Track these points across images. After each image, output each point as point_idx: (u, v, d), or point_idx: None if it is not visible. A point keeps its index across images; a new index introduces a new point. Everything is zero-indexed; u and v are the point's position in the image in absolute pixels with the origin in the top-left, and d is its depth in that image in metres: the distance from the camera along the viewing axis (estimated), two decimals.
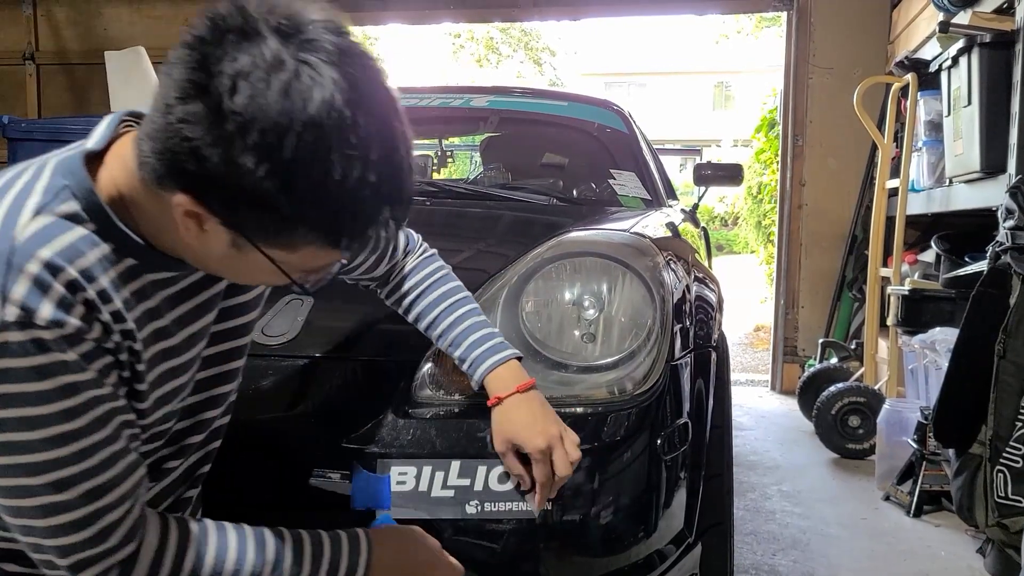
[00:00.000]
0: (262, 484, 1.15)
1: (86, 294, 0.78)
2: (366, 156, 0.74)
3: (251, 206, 0.74)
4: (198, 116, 0.71)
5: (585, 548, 1.14)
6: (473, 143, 2.95)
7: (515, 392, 1.10)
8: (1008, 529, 1.95)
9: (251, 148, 0.71)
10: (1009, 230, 1.99)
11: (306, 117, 0.71)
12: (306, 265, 0.83)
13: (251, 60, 0.71)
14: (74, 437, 0.79)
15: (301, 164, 0.72)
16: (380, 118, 0.76)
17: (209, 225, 0.77)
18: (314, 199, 0.74)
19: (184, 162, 0.73)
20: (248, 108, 0.70)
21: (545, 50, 17.73)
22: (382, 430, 1.14)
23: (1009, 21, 2.54)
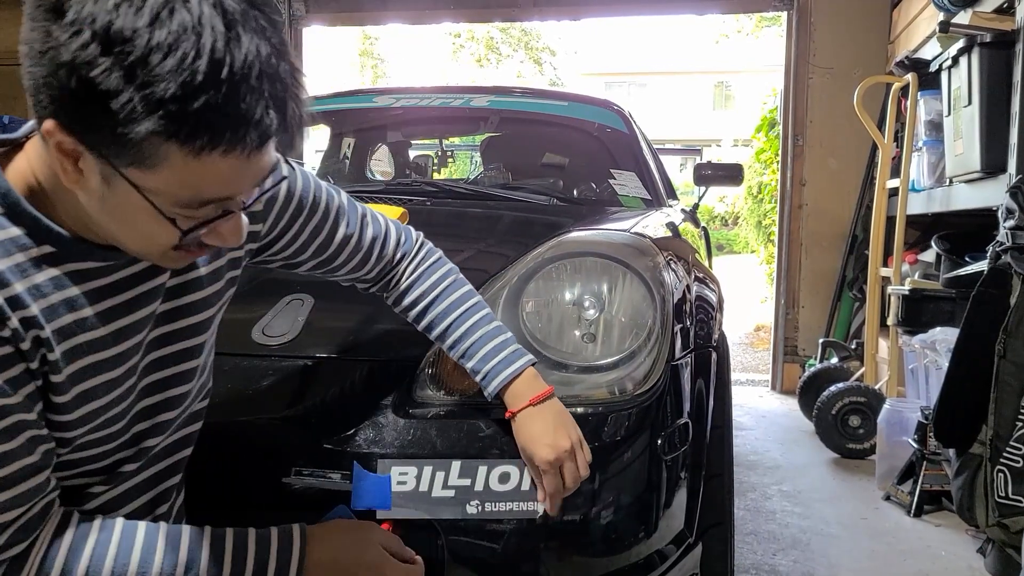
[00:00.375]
0: (261, 484, 1.15)
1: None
2: (199, 37, 0.69)
3: (88, 97, 0.69)
4: (45, 30, 0.70)
5: (586, 548, 1.14)
6: (473, 143, 2.95)
7: (528, 405, 1.10)
8: (1008, 529, 1.95)
9: (69, 23, 0.68)
10: (1009, 230, 1.99)
11: (154, 5, 0.68)
12: (175, 194, 0.75)
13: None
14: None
15: (120, 31, 0.68)
16: (228, 10, 0.71)
17: (84, 162, 0.74)
18: (139, 68, 0.68)
19: (32, 77, 0.72)
20: (83, 6, 0.68)
21: (545, 50, 17.74)
22: (382, 430, 1.14)
23: (1009, 21, 2.54)
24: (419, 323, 1.18)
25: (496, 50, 17.13)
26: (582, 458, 1.10)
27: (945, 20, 2.93)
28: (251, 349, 1.25)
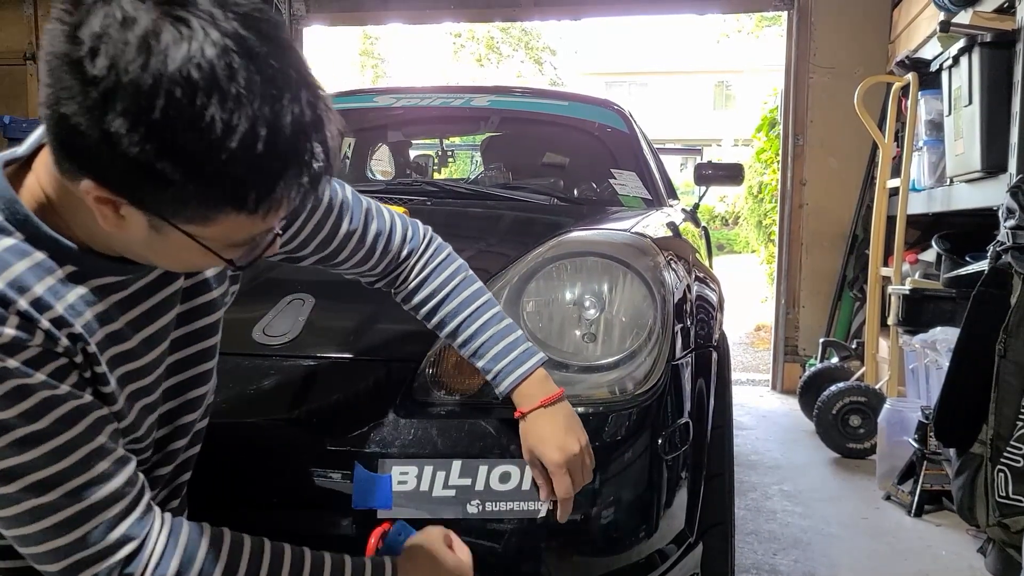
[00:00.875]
0: (262, 484, 1.15)
1: (17, 306, 0.76)
2: (251, 108, 0.69)
3: (142, 178, 0.70)
4: (69, 89, 0.68)
5: (586, 547, 1.14)
6: (474, 143, 2.95)
7: (539, 406, 1.10)
8: (1009, 528, 1.95)
9: (121, 114, 0.67)
10: (1010, 229, 1.98)
11: (172, 72, 0.66)
12: (231, 238, 0.78)
13: (104, 21, 0.67)
14: (39, 439, 0.77)
15: (176, 123, 0.67)
16: (269, 68, 0.70)
17: (124, 210, 0.73)
18: (201, 160, 0.69)
19: (70, 141, 0.70)
20: (111, 71, 0.67)
21: (546, 50, 17.74)
22: (383, 430, 1.15)
23: (1010, 20, 2.54)
24: (429, 321, 1.17)
25: (496, 50, 17.13)
26: (588, 463, 1.10)
27: (946, 20, 2.93)
28: (252, 349, 1.25)
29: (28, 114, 5.01)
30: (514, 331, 1.14)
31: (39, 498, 0.78)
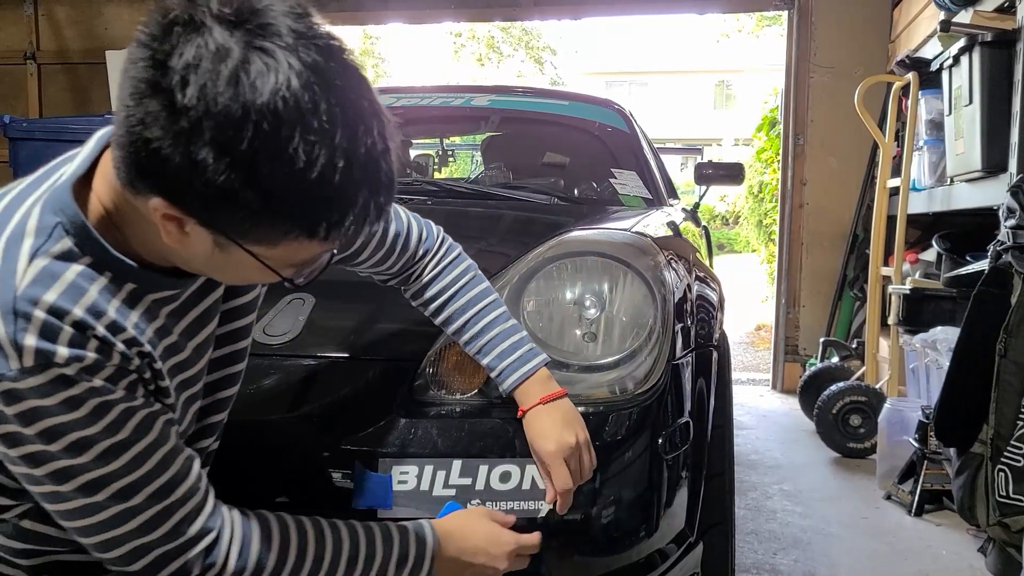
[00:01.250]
0: (263, 484, 1.15)
1: (95, 330, 0.78)
2: (331, 141, 0.71)
3: (221, 203, 0.72)
4: (154, 115, 0.70)
5: (587, 547, 1.14)
6: (474, 142, 2.95)
7: (539, 403, 1.11)
8: (1009, 528, 1.95)
9: (209, 142, 0.69)
10: (1010, 229, 1.98)
11: (260, 105, 0.69)
12: (293, 259, 0.81)
13: (197, 51, 0.69)
14: (123, 448, 0.81)
15: (262, 154, 0.70)
16: (345, 100, 0.73)
17: (189, 227, 0.75)
18: (281, 190, 0.71)
19: (149, 164, 0.72)
20: (200, 101, 0.68)
21: (546, 49, 17.72)
22: (384, 429, 1.15)
23: (1010, 20, 2.54)
24: (436, 317, 1.19)
25: (497, 49, 17.12)
26: (587, 458, 1.10)
27: (946, 19, 2.93)
28: (252, 348, 1.24)
29: (28, 113, 5.01)
30: (519, 331, 1.16)
31: (125, 503, 0.82)
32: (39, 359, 0.75)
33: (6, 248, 0.78)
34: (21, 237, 0.79)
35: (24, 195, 0.83)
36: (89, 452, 0.79)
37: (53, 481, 0.80)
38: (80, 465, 0.79)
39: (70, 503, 0.81)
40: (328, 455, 1.14)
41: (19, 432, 0.77)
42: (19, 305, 0.75)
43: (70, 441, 0.78)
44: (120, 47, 4.63)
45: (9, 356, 0.74)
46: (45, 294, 0.76)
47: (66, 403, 0.77)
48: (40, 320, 0.75)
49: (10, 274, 0.76)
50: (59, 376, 0.76)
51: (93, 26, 5.09)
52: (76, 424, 0.77)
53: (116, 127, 0.74)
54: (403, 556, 0.97)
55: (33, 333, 0.75)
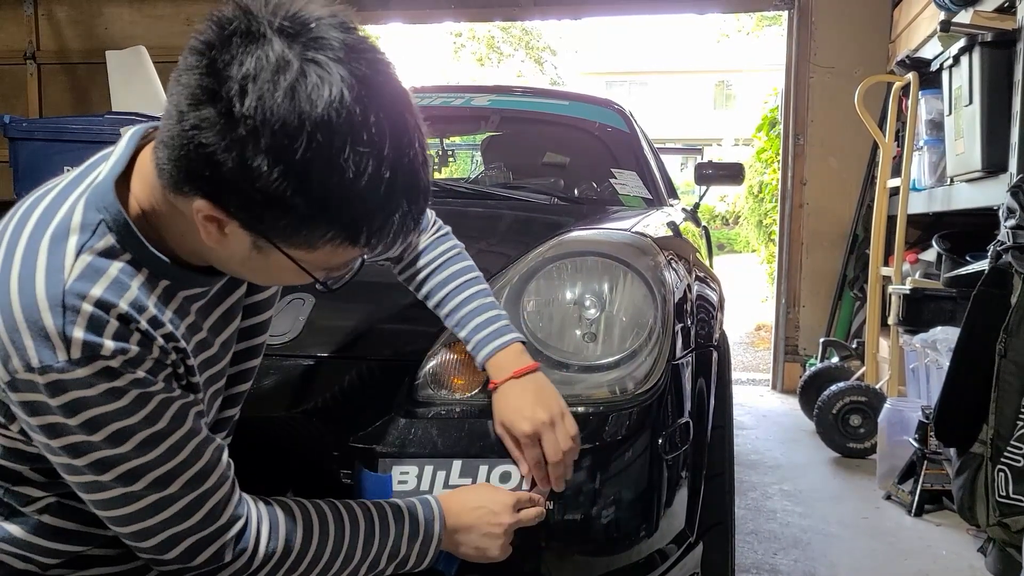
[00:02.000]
0: (262, 484, 1.15)
1: (138, 324, 0.81)
2: (379, 152, 0.75)
3: (269, 208, 0.75)
4: (210, 121, 0.72)
5: (587, 547, 1.14)
6: (474, 142, 2.95)
7: (511, 377, 1.11)
8: (1009, 528, 1.95)
9: (264, 151, 0.72)
10: (1010, 229, 1.98)
11: (316, 116, 0.72)
12: (328, 263, 0.84)
13: (257, 62, 0.72)
14: (161, 437, 0.83)
15: (314, 163, 0.73)
16: (391, 113, 0.76)
17: (229, 228, 0.78)
18: (330, 198, 0.75)
19: (200, 168, 0.74)
20: (258, 111, 0.71)
21: (546, 49, 17.73)
22: (384, 429, 1.15)
23: (1010, 20, 2.54)
24: (419, 291, 1.21)
25: (497, 49, 17.12)
26: (563, 430, 1.09)
27: (946, 19, 2.93)
28: None
29: (28, 113, 5.01)
30: (497, 308, 1.18)
31: (162, 491, 0.84)
32: (86, 351, 0.77)
33: (52, 243, 0.80)
34: (67, 233, 0.81)
35: (67, 192, 0.85)
36: (129, 442, 0.81)
37: (93, 471, 0.82)
38: (120, 455, 0.81)
39: (108, 492, 0.83)
40: (328, 455, 1.14)
41: (62, 423, 0.79)
42: (68, 299, 0.77)
43: (112, 431, 0.80)
44: (120, 47, 4.64)
45: (57, 348, 0.76)
46: (92, 288, 0.79)
47: (109, 393, 0.79)
48: (88, 313, 0.78)
49: (58, 269, 0.79)
50: (104, 368, 0.78)
51: (93, 26, 5.09)
52: (118, 414, 0.80)
53: (165, 129, 0.77)
54: (415, 530, 1.00)
55: (81, 326, 0.77)
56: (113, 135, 3.12)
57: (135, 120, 3.27)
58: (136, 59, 4.40)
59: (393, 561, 0.99)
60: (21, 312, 0.77)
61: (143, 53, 4.45)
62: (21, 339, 0.77)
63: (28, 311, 0.77)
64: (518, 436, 1.08)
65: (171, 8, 4.97)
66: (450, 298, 1.18)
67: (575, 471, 1.12)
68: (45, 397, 0.78)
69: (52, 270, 0.78)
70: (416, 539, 1.00)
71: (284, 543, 0.91)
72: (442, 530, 1.02)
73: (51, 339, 0.76)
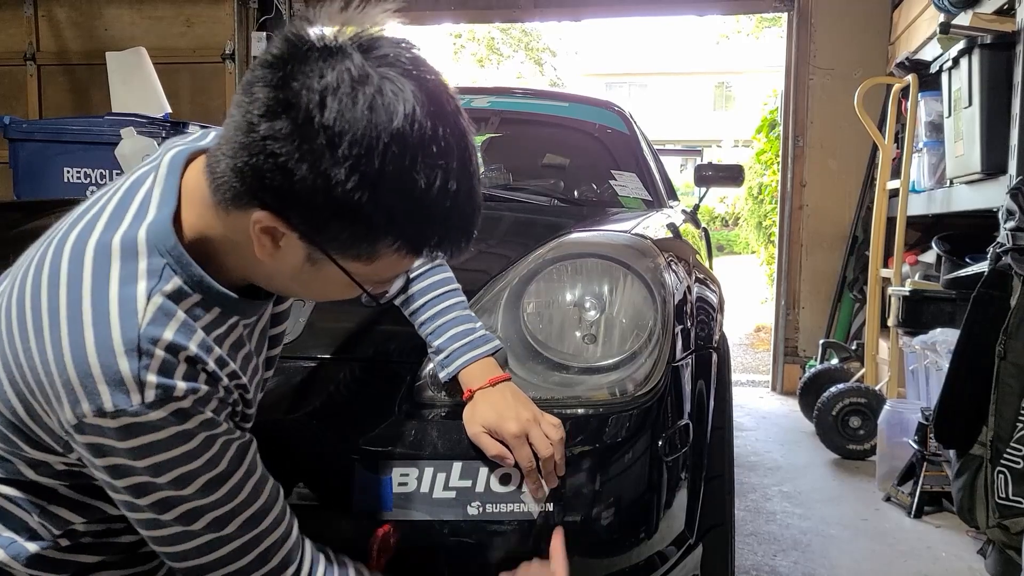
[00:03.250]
0: None
1: (207, 365, 0.83)
2: (447, 165, 0.77)
3: (335, 218, 0.76)
4: (285, 132, 0.73)
5: (586, 549, 1.14)
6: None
7: (487, 385, 1.12)
8: (1009, 530, 1.95)
9: (341, 160, 0.73)
10: (1010, 231, 1.98)
11: (392, 129, 0.74)
12: (379, 276, 0.85)
13: (337, 76, 0.74)
14: (222, 480, 0.85)
15: (388, 175, 0.74)
16: (455, 129, 0.79)
17: (285, 241, 0.79)
18: (400, 208, 0.76)
19: (269, 178, 0.75)
20: (338, 122, 0.73)
21: (546, 50, 17.75)
22: (384, 431, 1.14)
23: (1010, 22, 2.54)
24: (397, 298, 1.21)
25: (497, 51, 17.14)
26: (547, 425, 1.09)
27: (945, 21, 2.94)
28: None
29: (28, 115, 5.01)
30: (473, 320, 1.18)
31: (219, 531, 0.86)
32: (159, 394, 0.78)
33: (122, 288, 0.81)
34: (134, 278, 0.81)
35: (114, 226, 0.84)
36: (192, 484, 0.83)
37: (154, 511, 0.83)
38: (182, 496, 0.83)
39: (167, 530, 0.85)
40: (328, 457, 1.14)
41: (129, 464, 0.81)
42: (143, 343, 0.78)
43: (177, 475, 0.82)
44: (120, 48, 4.64)
45: (132, 392, 0.78)
46: (164, 332, 0.80)
47: (178, 437, 0.81)
48: (160, 357, 0.79)
49: (131, 313, 0.79)
50: (177, 410, 0.80)
51: (93, 27, 5.09)
52: (184, 458, 0.81)
53: (229, 142, 0.77)
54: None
55: (155, 370, 0.79)
56: (113, 136, 3.13)
57: (135, 121, 3.28)
58: (136, 60, 4.40)
59: None
60: (96, 358, 0.77)
61: (143, 54, 4.45)
62: (94, 384, 0.77)
63: (104, 357, 0.77)
64: (506, 437, 1.08)
65: (171, 10, 4.98)
66: (427, 307, 1.18)
67: (575, 472, 1.12)
68: (113, 441, 0.79)
69: (126, 315, 0.79)
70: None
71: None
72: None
73: (126, 383, 0.77)
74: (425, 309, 1.18)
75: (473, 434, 1.10)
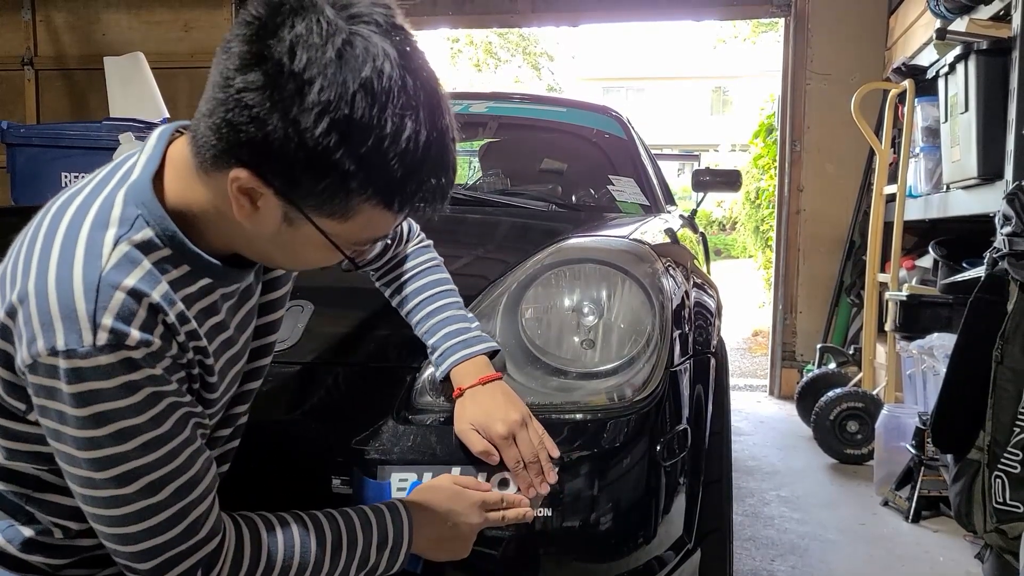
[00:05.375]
0: (260, 490, 1.15)
1: (167, 317, 0.82)
2: (416, 116, 0.78)
3: (310, 170, 0.77)
4: (258, 83, 0.75)
5: (585, 554, 1.14)
6: (471, 149, 2.96)
7: (477, 383, 1.12)
8: (1006, 534, 1.95)
9: (310, 107, 0.74)
10: (1006, 236, 1.99)
11: (362, 78, 0.75)
12: (356, 237, 0.85)
13: (307, 26, 0.75)
14: (162, 441, 0.83)
15: (357, 122, 0.75)
16: (427, 86, 0.80)
17: (263, 201, 0.80)
18: (370, 154, 0.77)
19: (244, 131, 0.76)
20: (307, 70, 0.74)
21: (543, 55, 17.75)
22: (382, 436, 1.15)
23: (1005, 28, 2.56)
24: (393, 299, 1.23)
25: (494, 55, 17.14)
26: (534, 430, 1.10)
27: (942, 27, 2.94)
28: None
29: (25, 119, 5.00)
30: (468, 320, 1.19)
31: (151, 498, 0.84)
32: (111, 338, 0.78)
33: (91, 233, 0.82)
34: (105, 225, 0.82)
35: (100, 188, 0.86)
36: (133, 441, 0.81)
37: (91, 467, 0.82)
38: (121, 453, 0.81)
39: (100, 491, 0.83)
40: (326, 462, 1.14)
41: (72, 412, 0.80)
42: (103, 285, 0.79)
43: (118, 428, 0.81)
44: (118, 53, 4.63)
45: (84, 331, 0.78)
46: (125, 279, 0.80)
47: (124, 387, 0.80)
48: (120, 300, 0.79)
49: (95, 256, 0.80)
50: (126, 359, 0.79)
51: (91, 32, 5.09)
52: (127, 411, 0.80)
53: (207, 101, 0.79)
54: (383, 538, 0.99)
55: (112, 312, 0.78)
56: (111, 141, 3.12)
57: (133, 126, 3.27)
58: (134, 65, 4.40)
59: (363, 570, 0.99)
60: (56, 297, 0.78)
61: (141, 59, 4.45)
62: (51, 322, 0.78)
63: (63, 296, 0.78)
64: (493, 438, 1.08)
65: (169, 14, 4.98)
66: (422, 306, 1.20)
67: (573, 477, 1.12)
68: (62, 384, 0.78)
69: (90, 258, 0.80)
70: (385, 547, 0.99)
71: (250, 560, 0.91)
72: (411, 536, 1.01)
73: (80, 323, 0.77)
74: (420, 308, 1.20)
75: (460, 431, 1.11)
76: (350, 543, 0.97)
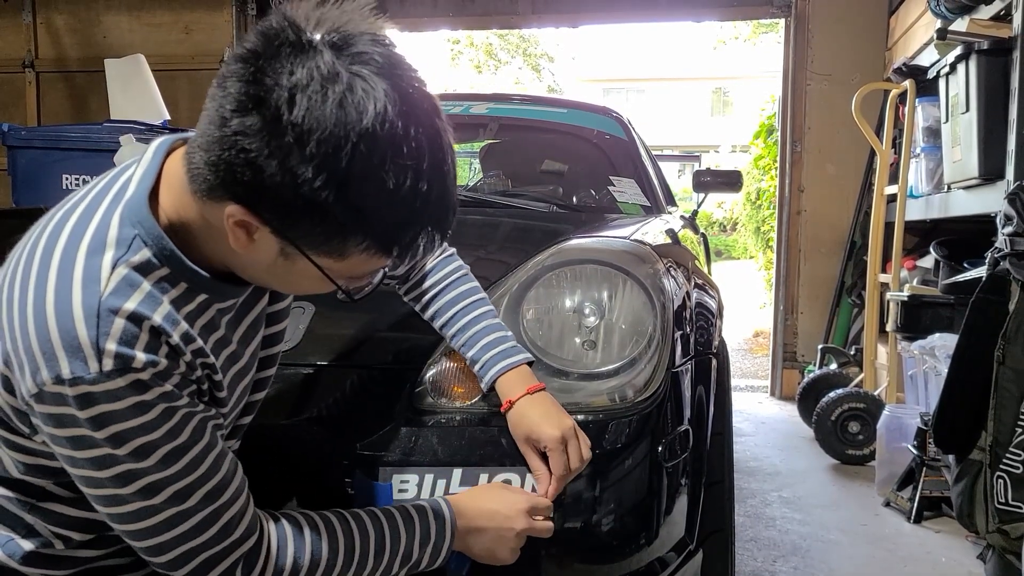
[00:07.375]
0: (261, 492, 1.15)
1: (170, 339, 0.82)
2: (418, 166, 0.77)
3: (305, 215, 0.76)
4: (255, 128, 0.74)
5: (587, 555, 1.14)
6: (472, 150, 2.96)
7: (525, 394, 1.12)
8: (1008, 535, 1.95)
9: (309, 159, 0.73)
10: (1008, 236, 1.99)
11: (361, 128, 0.74)
12: (352, 272, 0.85)
13: (307, 73, 0.73)
14: (182, 451, 0.83)
15: (357, 174, 0.74)
16: (429, 129, 0.78)
17: (259, 235, 0.79)
18: (369, 208, 0.76)
19: (240, 173, 0.75)
20: (306, 120, 0.73)
21: (544, 56, 17.77)
22: (384, 438, 1.14)
23: (1006, 28, 2.55)
24: (425, 312, 1.21)
25: (495, 56, 17.16)
26: (584, 438, 1.11)
27: (942, 27, 2.94)
28: None
29: (26, 122, 5.01)
30: (503, 329, 1.18)
31: (181, 505, 0.84)
32: (118, 363, 0.78)
33: (88, 257, 0.81)
34: (103, 248, 0.82)
35: (95, 205, 0.85)
36: (152, 456, 0.81)
37: (115, 484, 0.82)
38: (142, 468, 0.82)
39: (128, 506, 0.83)
40: (329, 464, 1.14)
41: (89, 435, 0.79)
42: (103, 311, 0.78)
43: (136, 445, 0.80)
44: (118, 55, 4.64)
45: (89, 359, 0.77)
46: (126, 302, 0.80)
47: (136, 407, 0.80)
48: (121, 326, 0.78)
49: (94, 281, 0.79)
50: (135, 381, 0.79)
51: (92, 34, 5.10)
52: (143, 429, 0.80)
53: (203, 135, 0.77)
54: (425, 535, 0.99)
55: (114, 338, 0.78)
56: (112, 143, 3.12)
57: (134, 128, 3.27)
58: (135, 67, 4.40)
59: (405, 565, 0.99)
60: (56, 324, 0.77)
61: (141, 61, 4.45)
62: (53, 351, 0.77)
63: (63, 323, 0.77)
64: (547, 442, 1.08)
65: (169, 17, 4.98)
66: (457, 318, 1.18)
67: (575, 478, 1.12)
68: (73, 410, 0.78)
69: (88, 283, 0.79)
70: (428, 544, 1.00)
71: (293, 558, 0.91)
72: (453, 533, 1.01)
73: (84, 351, 0.77)
74: (454, 321, 1.18)
75: (522, 450, 1.11)
76: (392, 539, 0.97)
